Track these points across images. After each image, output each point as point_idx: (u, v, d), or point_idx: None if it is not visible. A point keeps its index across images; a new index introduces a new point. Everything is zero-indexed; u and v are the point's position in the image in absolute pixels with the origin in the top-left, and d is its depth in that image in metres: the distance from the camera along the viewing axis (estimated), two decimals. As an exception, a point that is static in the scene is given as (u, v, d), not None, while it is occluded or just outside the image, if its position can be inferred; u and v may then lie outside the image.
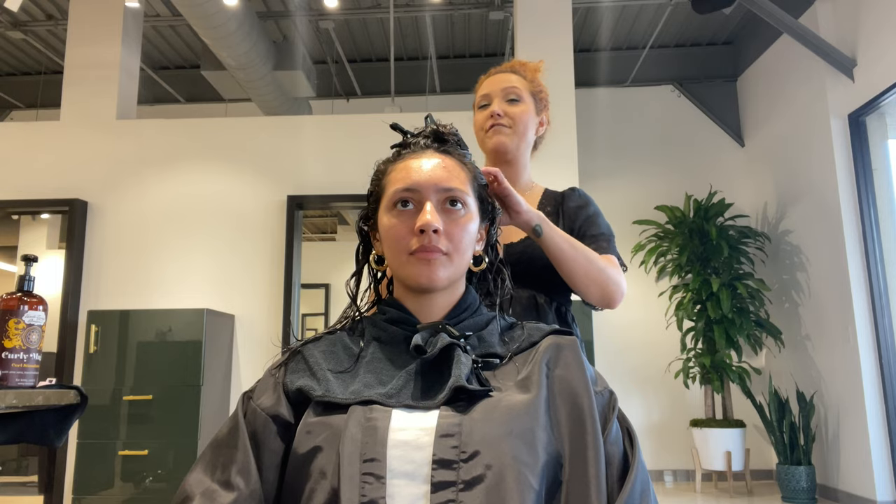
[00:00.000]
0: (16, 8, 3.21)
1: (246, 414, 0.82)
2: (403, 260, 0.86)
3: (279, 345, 4.11)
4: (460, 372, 0.77)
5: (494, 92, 1.38)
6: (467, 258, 0.90)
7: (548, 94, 1.46)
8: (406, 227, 0.86)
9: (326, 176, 4.31)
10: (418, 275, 0.85)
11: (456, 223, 0.87)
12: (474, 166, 0.96)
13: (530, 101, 1.39)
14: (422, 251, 0.85)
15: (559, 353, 0.83)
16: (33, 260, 1.19)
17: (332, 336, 0.91)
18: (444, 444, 0.71)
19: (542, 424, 0.74)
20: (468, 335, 0.86)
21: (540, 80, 1.44)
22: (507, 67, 1.43)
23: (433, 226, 0.84)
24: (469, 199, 0.90)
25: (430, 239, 0.84)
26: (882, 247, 4.06)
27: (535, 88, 1.41)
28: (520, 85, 1.39)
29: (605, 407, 0.82)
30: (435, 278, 0.85)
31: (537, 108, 1.41)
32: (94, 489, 3.56)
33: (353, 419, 0.74)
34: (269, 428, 0.79)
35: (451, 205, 0.88)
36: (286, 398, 0.81)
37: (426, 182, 0.87)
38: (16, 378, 1.10)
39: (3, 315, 1.12)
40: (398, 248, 0.87)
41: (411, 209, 0.87)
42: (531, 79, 1.42)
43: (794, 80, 4.78)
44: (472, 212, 0.91)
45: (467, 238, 0.88)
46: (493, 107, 1.36)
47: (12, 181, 4.33)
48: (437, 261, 0.85)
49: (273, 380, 0.85)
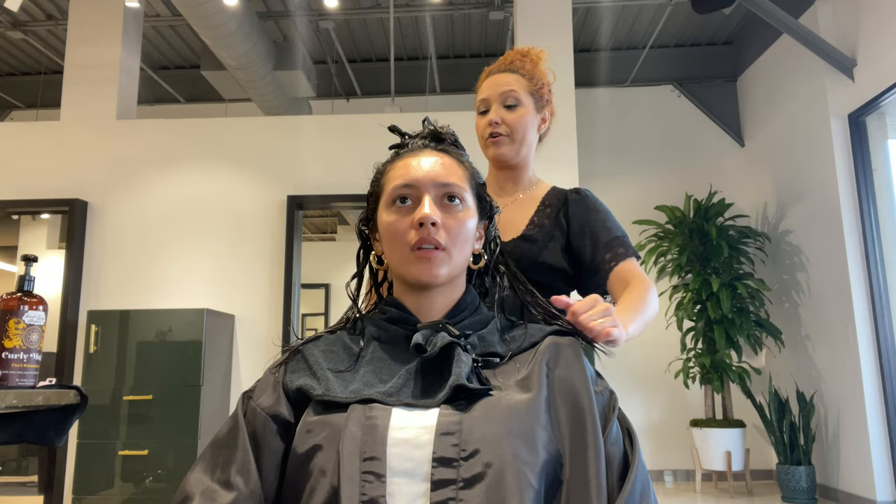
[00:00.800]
0: (16, 8, 3.21)
1: (246, 413, 0.82)
2: (403, 256, 0.87)
3: (279, 345, 4.11)
4: (460, 371, 0.77)
5: (493, 97, 1.37)
6: (466, 254, 0.90)
7: (550, 85, 1.43)
8: (405, 221, 0.87)
9: (326, 176, 4.31)
10: (418, 272, 0.85)
11: (454, 218, 0.88)
12: (472, 165, 0.97)
13: (529, 103, 1.37)
14: (421, 244, 0.85)
15: (559, 353, 0.83)
16: (33, 260, 1.19)
17: (332, 336, 0.92)
18: (444, 442, 0.71)
19: (543, 424, 0.74)
20: (468, 334, 0.86)
21: (541, 73, 1.41)
22: (506, 65, 1.41)
23: (431, 218, 0.85)
24: (467, 196, 0.91)
25: (428, 231, 0.85)
26: (882, 247, 4.06)
27: (535, 86, 1.39)
28: (518, 87, 1.37)
29: (606, 407, 0.82)
30: (434, 274, 0.85)
31: (537, 107, 1.39)
32: (94, 489, 3.56)
33: (353, 418, 0.74)
34: (268, 427, 0.79)
35: (449, 200, 0.89)
36: (286, 397, 0.82)
37: (424, 178, 0.88)
38: (16, 378, 1.10)
39: (4, 315, 1.12)
40: (398, 243, 0.87)
41: (410, 205, 0.88)
42: (531, 75, 1.39)
43: (794, 80, 4.78)
44: (471, 208, 0.91)
45: (465, 233, 0.89)
46: (490, 114, 1.35)
47: (12, 181, 4.33)
48: (437, 258, 0.85)
49: (273, 379, 0.85)
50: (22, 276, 1.17)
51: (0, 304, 1.14)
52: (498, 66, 1.42)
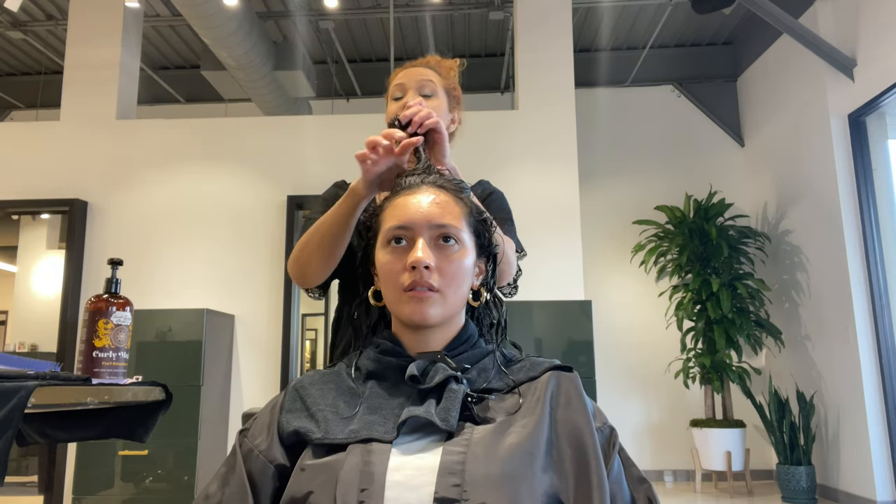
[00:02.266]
0: (16, 8, 3.21)
1: (244, 453, 0.82)
2: (397, 296, 0.87)
3: (280, 345, 4.11)
4: (449, 405, 0.78)
5: (409, 83, 1.37)
6: (462, 293, 0.90)
7: (461, 94, 1.46)
8: (399, 263, 0.87)
9: (326, 176, 4.27)
10: (411, 312, 0.86)
11: (448, 259, 0.88)
12: (471, 201, 0.96)
13: (444, 97, 1.39)
14: (414, 286, 0.85)
15: (560, 390, 0.83)
16: (119, 263, 1.24)
17: (328, 371, 0.92)
18: (446, 483, 0.71)
19: (543, 466, 0.75)
20: (466, 367, 0.86)
21: (455, 79, 1.44)
22: (423, 63, 1.43)
23: (424, 262, 0.85)
24: (463, 235, 0.91)
25: (421, 275, 0.85)
26: (882, 247, 4.06)
27: (450, 85, 1.42)
28: (435, 79, 1.39)
29: (606, 443, 0.82)
30: (427, 316, 0.86)
31: (450, 105, 1.41)
32: (94, 489, 3.56)
33: (350, 462, 0.74)
34: (266, 472, 0.80)
35: (444, 241, 0.89)
36: (279, 439, 0.82)
37: (419, 219, 0.88)
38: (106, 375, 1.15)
39: (93, 316, 1.17)
40: (392, 283, 0.88)
41: (405, 246, 0.88)
42: (446, 76, 1.42)
43: (794, 80, 4.78)
44: (467, 247, 0.91)
45: (461, 274, 0.89)
46: (406, 98, 1.36)
47: (12, 181, 4.33)
48: (430, 299, 0.86)
49: (269, 418, 0.85)
50: (109, 278, 1.22)
51: (89, 305, 1.18)
52: (414, 63, 1.44)
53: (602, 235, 5.37)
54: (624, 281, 5.44)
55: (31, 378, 0.93)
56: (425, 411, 0.77)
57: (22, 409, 0.84)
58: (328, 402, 0.84)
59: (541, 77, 4.41)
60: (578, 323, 3.76)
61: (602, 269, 5.38)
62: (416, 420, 0.79)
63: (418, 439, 0.78)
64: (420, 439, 0.78)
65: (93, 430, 1.19)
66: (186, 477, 3.56)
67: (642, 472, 0.83)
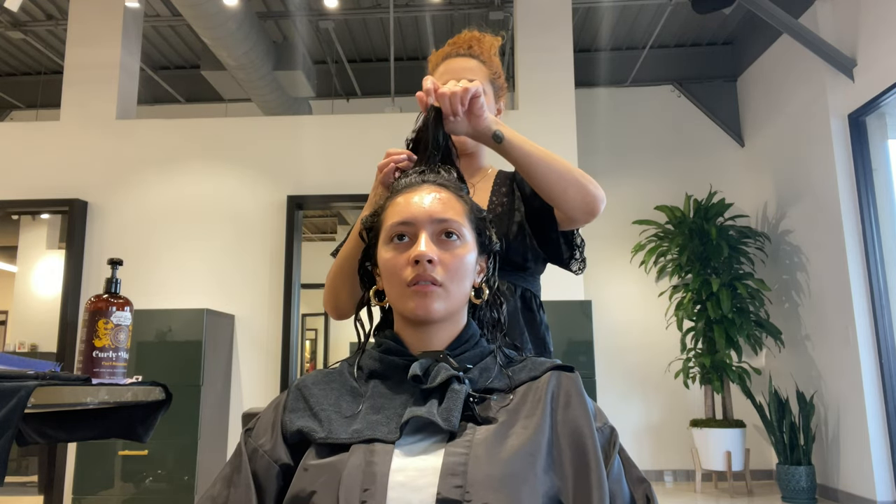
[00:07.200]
0: (16, 8, 3.21)
1: (248, 453, 0.82)
2: (401, 292, 0.87)
3: (279, 345, 4.11)
4: (451, 405, 0.78)
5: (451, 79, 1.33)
6: (465, 289, 0.90)
7: (504, 80, 1.40)
8: (402, 259, 0.88)
9: (326, 176, 4.31)
10: (415, 307, 0.86)
11: (451, 254, 0.88)
12: (471, 200, 0.97)
13: (490, 91, 1.34)
14: (417, 280, 0.85)
15: (561, 390, 0.84)
16: (119, 263, 1.23)
17: (331, 371, 0.92)
18: (448, 484, 0.72)
19: (545, 467, 0.75)
20: (469, 367, 0.87)
21: (497, 61, 1.38)
22: (465, 47, 1.36)
23: (427, 255, 0.85)
24: (465, 231, 0.91)
25: (424, 269, 0.85)
26: (882, 247, 4.06)
27: (493, 74, 1.36)
28: (478, 71, 1.33)
29: (606, 443, 0.82)
30: (431, 310, 0.86)
31: (495, 96, 1.37)
32: (93, 489, 3.56)
33: (353, 462, 0.75)
34: (270, 471, 0.80)
35: (446, 236, 0.89)
36: (283, 437, 0.82)
37: (421, 214, 0.89)
38: (106, 375, 1.15)
39: (93, 316, 1.17)
40: (395, 279, 0.88)
41: (407, 242, 0.89)
42: (489, 61, 1.36)
43: (793, 80, 4.78)
44: (469, 243, 0.91)
45: (463, 268, 0.89)
46: None
47: (12, 181, 4.33)
48: (433, 293, 0.86)
49: (273, 417, 0.85)
50: (109, 278, 1.22)
51: (89, 305, 1.18)
52: (455, 48, 1.37)
53: (602, 235, 5.37)
54: (624, 281, 5.44)
55: (31, 378, 0.93)
56: (427, 412, 0.77)
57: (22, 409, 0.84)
58: (331, 402, 0.84)
59: (541, 77, 4.42)
60: (578, 323, 3.77)
61: (602, 269, 5.38)
62: (418, 420, 0.79)
63: (421, 440, 0.78)
64: (423, 440, 0.78)
65: (93, 430, 1.20)
66: (186, 477, 3.56)
67: (642, 472, 0.83)
